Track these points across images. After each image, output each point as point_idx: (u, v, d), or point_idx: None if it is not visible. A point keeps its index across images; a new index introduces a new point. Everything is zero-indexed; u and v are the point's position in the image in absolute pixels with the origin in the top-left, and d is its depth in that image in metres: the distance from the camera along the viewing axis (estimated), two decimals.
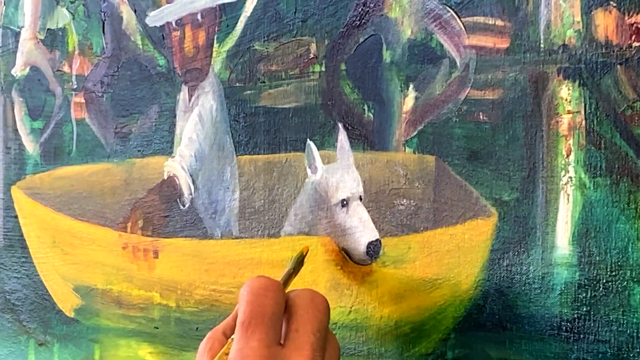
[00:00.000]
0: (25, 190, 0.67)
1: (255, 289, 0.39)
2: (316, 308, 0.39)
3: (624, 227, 0.39)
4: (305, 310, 0.39)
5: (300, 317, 0.39)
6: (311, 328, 0.38)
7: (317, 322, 0.39)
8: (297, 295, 0.40)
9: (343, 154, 0.48)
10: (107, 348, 0.61)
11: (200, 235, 0.55)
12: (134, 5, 0.59)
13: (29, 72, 0.67)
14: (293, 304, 0.39)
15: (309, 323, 0.38)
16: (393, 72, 0.46)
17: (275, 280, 0.40)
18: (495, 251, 0.42)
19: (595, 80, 0.40)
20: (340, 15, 0.48)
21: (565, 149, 0.40)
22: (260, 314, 0.38)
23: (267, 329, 0.37)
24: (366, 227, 0.47)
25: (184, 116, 0.56)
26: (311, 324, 0.38)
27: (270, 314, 0.38)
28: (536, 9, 0.41)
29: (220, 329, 0.41)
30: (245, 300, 0.38)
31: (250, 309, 0.38)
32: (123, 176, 0.60)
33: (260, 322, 0.37)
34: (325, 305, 0.40)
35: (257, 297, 0.38)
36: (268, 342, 0.37)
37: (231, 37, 0.53)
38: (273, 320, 0.38)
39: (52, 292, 0.65)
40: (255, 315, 0.38)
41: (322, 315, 0.39)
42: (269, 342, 0.37)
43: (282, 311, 0.39)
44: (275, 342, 0.37)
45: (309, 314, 0.39)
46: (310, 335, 0.38)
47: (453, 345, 0.44)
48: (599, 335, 0.39)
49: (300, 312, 0.39)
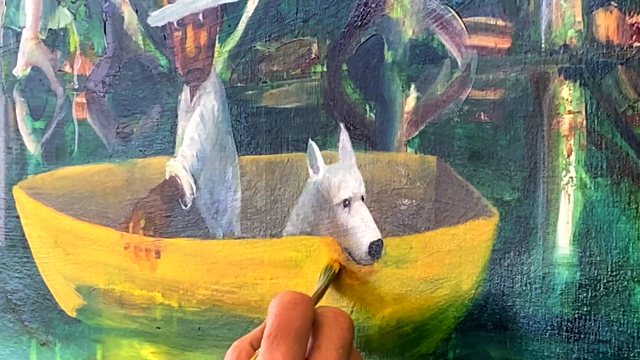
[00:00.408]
0: (27, 191, 0.67)
1: (285, 302, 0.39)
2: (339, 325, 0.40)
3: (625, 227, 0.39)
4: (329, 327, 0.40)
5: (324, 334, 0.39)
6: (334, 345, 0.39)
7: (341, 339, 0.39)
8: (321, 313, 0.41)
9: (345, 154, 0.48)
10: (109, 348, 0.61)
11: (202, 235, 0.55)
12: (135, 5, 0.59)
13: (30, 72, 0.67)
14: (318, 320, 0.40)
15: (332, 340, 0.39)
16: (394, 72, 0.46)
17: (305, 295, 0.41)
18: (497, 251, 0.43)
19: (596, 80, 0.40)
20: (342, 16, 0.48)
21: (566, 149, 0.40)
22: (287, 328, 0.38)
23: (293, 343, 0.38)
24: (368, 227, 0.47)
25: (186, 116, 0.56)
26: (335, 341, 0.39)
27: (297, 329, 0.38)
28: (537, 9, 0.41)
29: (248, 340, 0.41)
30: (273, 313, 0.39)
31: (277, 322, 0.38)
32: (125, 176, 0.60)
33: (287, 336, 0.38)
34: (348, 323, 0.40)
35: (286, 311, 0.39)
36: (293, 356, 0.38)
37: (233, 37, 0.53)
38: (300, 335, 0.38)
39: (54, 292, 0.65)
40: (282, 328, 0.38)
41: (346, 333, 0.40)
42: (294, 356, 0.38)
43: (309, 326, 0.39)
44: (301, 357, 0.38)
45: (332, 331, 0.39)
46: (333, 352, 0.39)
47: (454, 345, 0.44)
48: (599, 335, 0.39)
49: (324, 329, 0.40)
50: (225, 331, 0.54)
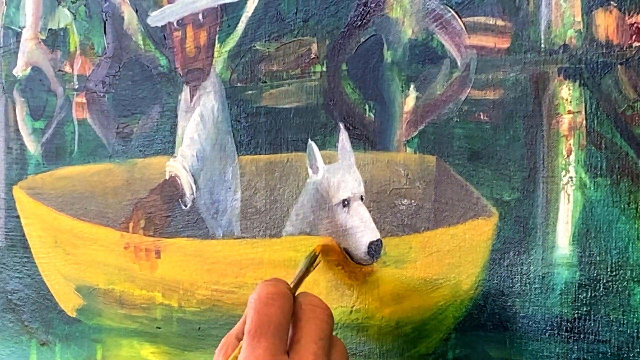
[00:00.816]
0: (27, 190, 0.67)
1: (263, 297, 0.40)
2: (317, 317, 0.40)
3: (625, 227, 0.39)
4: (307, 320, 0.40)
5: (302, 327, 0.40)
6: (313, 337, 0.39)
7: (320, 330, 0.40)
8: (300, 305, 0.41)
9: (344, 154, 0.48)
10: (109, 348, 0.61)
11: (202, 235, 0.55)
12: (135, 5, 0.59)
13: (30, 72, 0.67)
14: (296, 313, 0.40)
15: (310, 333, 0.39)
16: (394, 72, 0.46)
17: (283, 288, 0.41)
18: (496, 251, 0.43)
19: (596, 80, 0.40)
20: (341, 16, 0.48)
21: (565, 149, 0.40)
22: (267, 323, 0.39)
23: (273, 338, 0.38)
24: (367, 227, 0.47)
25: (186, 116, 0.56)
26: (313, 333, 0.39)
27: (277, 324, 0.39)
28: (537, 9, 0.41)
29: (234, 334, 0.42)
30: (252, 308, 0.39)
31: (257, 318, 0.39)
32: (125, 176, 0.60)
33: (267, 331, 0.38)
34: (327, 313, 0.41)
35: (264, 306, 0.39)
36: (274, 351, 0.38)
37: (232, 37, 0.53)
38: (279, 330, 0.39)
39: (54, 292, 0.65)
40: (262, 324, 0.39)
41: (324, 324, 0.40)
42: (275, 351, 0.38)
43: (288, 319, 0.40)
44: (281, 351, 0.38)
45: (311, 323, 0.40)
46: (313, 345, 0.39)
47: (454, 345, 0.44)
48: (599, 335, 0.39)
49: (301, 323, 0.40)
50: (225, 331, 0.54)
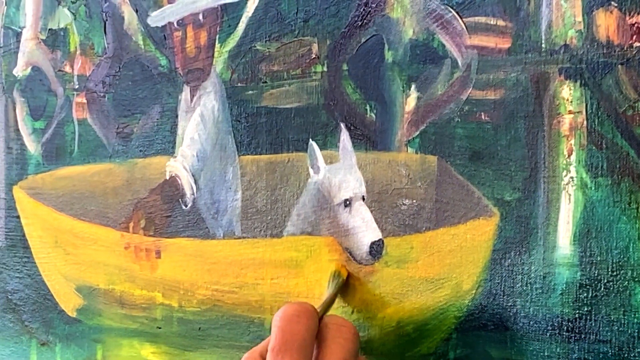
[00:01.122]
0: (27, 191, 0.67)
1: (289, 315, 0.40)
2: (342, 336, 0.40)
3: (625, 227, 0.39)
4: (332, 339, 0.40)
5: (327, 347, 0.40)
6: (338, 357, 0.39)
7: (345, 351, 0.40)
8: (325, 324, 0.41)
9: (345, 154, 0.48)
10: (109, 348, 0.61)
11: (203, 235, 0.55)
12: (135, 5, 0.59)
13: (30, 72, 0.67)
14: (321, 332, 0.40)
15: (336, 352, 0.39)
16: (395, 72, 0.46)
17: (309, 307, 0.41)
18: (497, 251, 0.43)
19: (597, 81, 0.40)
20: (342, 16, 0.48)
21: (566, 149, 0.40)
22: (291, 341, 0.39)
23: (298, 355, 0.38)
24: (369, 227, 0.47)
25: (186, 116, 0.56)
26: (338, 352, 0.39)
27: (301, 341, 0.39)
28: (537, 9, 0.41)
29: (258, 351, 0.42)
30: (277, 326, 0.39)
31: (281, 335, 0.39)
32: (125, 176, 0.60)
33: (291, 348, 0.38)
34: (352, 333, 0.41)
35: (289, 324, 0.39)
36: None
37: (233, 37, 0.53)
38: (304, 347, 0.39)
39: (54, 292, 0.65)
40: (286, 341, 0.39)
41: (349, 343, 0.40)
42: None
43: (313, 337, 0.40)
44: None
45: (336, 343, 0.40)
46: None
47: (455, 345, 0.44)
48: (600, 335, 0.39)
49: (327, 342, 0.40)
50: (225, 331, 0.54)
